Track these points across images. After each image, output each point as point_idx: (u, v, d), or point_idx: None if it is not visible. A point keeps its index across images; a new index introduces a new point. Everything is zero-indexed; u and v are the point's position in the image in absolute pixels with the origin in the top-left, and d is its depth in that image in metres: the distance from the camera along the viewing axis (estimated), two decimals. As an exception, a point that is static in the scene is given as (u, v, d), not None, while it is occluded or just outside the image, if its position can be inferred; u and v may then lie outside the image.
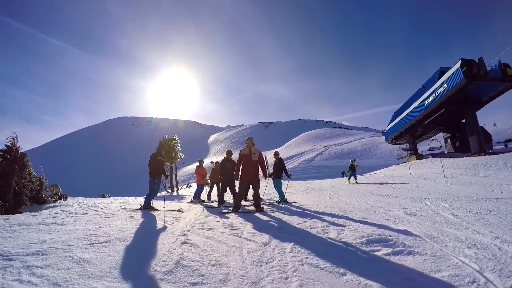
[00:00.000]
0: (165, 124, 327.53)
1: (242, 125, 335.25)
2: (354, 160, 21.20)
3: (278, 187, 11.53)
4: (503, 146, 36.38)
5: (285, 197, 11.38)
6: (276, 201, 11.10)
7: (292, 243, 4.72)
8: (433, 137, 39.30)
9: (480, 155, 23.79)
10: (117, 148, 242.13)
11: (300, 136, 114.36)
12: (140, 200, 11.57)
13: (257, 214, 7.94)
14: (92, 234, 4.98)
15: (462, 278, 3.18)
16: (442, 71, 28.03)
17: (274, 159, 12.40)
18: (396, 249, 4.29)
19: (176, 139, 34.70)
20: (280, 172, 11.94)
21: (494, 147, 30.61)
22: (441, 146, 37.36)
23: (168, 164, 32.42)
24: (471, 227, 5.53)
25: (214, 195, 14.27)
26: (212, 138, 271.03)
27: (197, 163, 14.90)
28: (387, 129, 42.40)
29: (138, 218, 7.08)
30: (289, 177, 11.84)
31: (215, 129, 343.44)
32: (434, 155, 32.61)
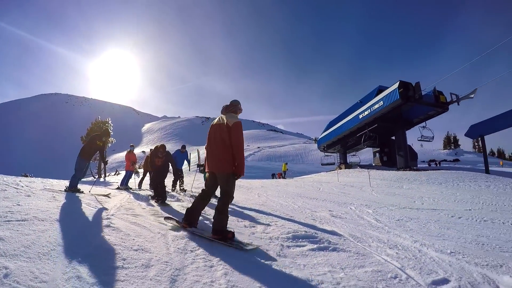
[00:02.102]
0: (100, 106, 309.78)
1: (179, 117, 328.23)
2: (286, 163, 21.64)
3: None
4: (427, 165, 39.26)
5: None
6: None
7: None
8: (354, 153, 42.29)
9: (405, 170, 25.49)
10: (46, 127, 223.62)
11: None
12: (65, 183, 10.82)
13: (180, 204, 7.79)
14: (9, 211, 4.53)
15: (385, 273, 3.32)
16: (380, 89, 29.70)
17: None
18: (322, 245, 4.39)
19: (110, 122, 33.11)
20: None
21: (418, 165, 32.90)
22: (359, 162, 39.98)
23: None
24: (392, 231, 5.88)
25: (146, 185, 13.75)
26: (146, 126, 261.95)
27: (128, 149, 14.30)
28: (320, 137, 43.93)
29: (61, 199, 6.58)
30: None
31: (150, 118, 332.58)
32: (362, 166, 34.39)
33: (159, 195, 8.32)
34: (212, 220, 4.41)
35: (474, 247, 4.89)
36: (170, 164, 9.98)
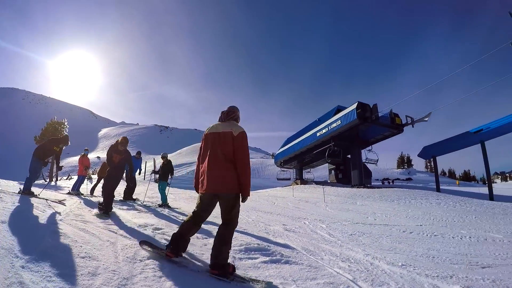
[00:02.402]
0: (57, 106, 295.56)
1: (137, 124, 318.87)
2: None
3: (162, 189, 10.97)
4: (381, 183, 40.52)
5: (167, 202, 10.84)
6: (158, 204, 10.53)
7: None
8: (309, 170, 43.23)
9: (359, 188, 26.08)
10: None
11: (193, 146, 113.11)
12: (14, 184, 10.14)
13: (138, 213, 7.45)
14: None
15: (337, 285, 3.30)
16: (339, 109, 30.63)
17: (163, 161, 11.76)
18: (274, 257, 4.35)
19: (66, 124, 31.61)
20: (166, 174, 11.50)
21: (372, 183, 33.79)
22: (314, 178, 40.81)
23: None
24: (345, 245, 5.91)
25: (99, 191, 13.14)
26: (103, 131, 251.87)
27: (82, 153, 13.49)
28: (277, 152, 44.43)
29: (8, 201, 6.18)
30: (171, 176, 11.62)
31: (108, 123, 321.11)
32: (317, 182, 34.95)
33: (105, 204, 7.09)
34: (211, 250, 3.63)
35: (425, 260, 4.99)
36: (127, 166, 8.75)
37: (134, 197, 11.60)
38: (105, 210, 6.91)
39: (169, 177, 11.60)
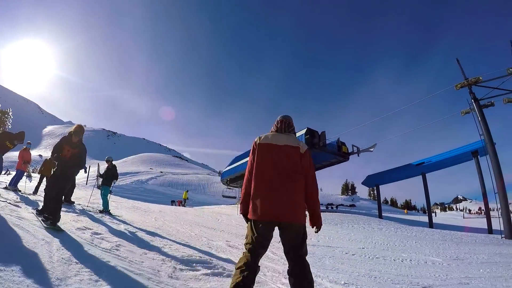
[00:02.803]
0: (2, 93, 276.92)
1: (85, 125, 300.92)
2: (187, 191, 21.23)
3: (104, 195, 10.56)
4: (325, 207, 41.52)
5: (109, 209, 10.40)
6: (99, 210, 10.07)
7: (110, 249, 4.54)
8: None
9: (305, 211, 26.52)
10: None
11: (139, 155, 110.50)
12: None
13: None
14: None
15: (279, 300, 3.21)
16: (288, 133, 31.20)
17: (107, 165, 11.33)
18: (216, 271, 4.32)
19: (10, 114, 29.58)
20: (110, 179, 11.04)
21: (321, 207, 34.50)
22: None
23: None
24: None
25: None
26: (48, 129, 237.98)
27: (24, 146, 12.29)
28: (224, 170, 44.42)
29: None
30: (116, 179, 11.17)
31: (54, 120, 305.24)
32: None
33: (50, 212, 5.38)
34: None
35: (367, 280, 5.08)
36: (78, 165, 6.32)
37: (72, 199, 10.78)
38: (52, 220, 5.24)
39: (113, 182, 11.17)
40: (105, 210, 10.07)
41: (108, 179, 11.01)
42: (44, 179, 12.49)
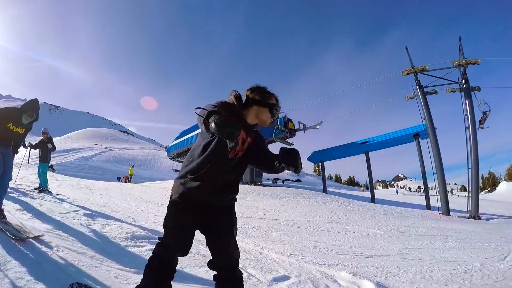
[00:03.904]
0: None
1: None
2: (133, 166, 20.76)
3: (43, 173, 9.80)
4: (271, 182, 42.25)
5: (48, 186, 9.74)
6: (35, 188, 9.40)
7: (52, 229, 4.39)
8: None
9: (250, 185, 26.72)
10: None
11: (83, 131, 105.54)
12: None
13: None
14: None
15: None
16: (242, 106, 31.05)
17: (41, 138, 10.33)
18: None
19: None
20: (46, 155, 10.23)
21: (263, 182, 34.93)
22: None
23: None
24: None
25: None
26: None
27: None
28: (170, 145, 43.56)
29: None
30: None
31: None
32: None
33: None
34: None
35: (312, 251, 5.26)
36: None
37: (14, 180, 9.55)
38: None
39: (50, 156, 10.43)
40: (44, 188, 9.44)
41: (45, 155, 10.22)
42: None
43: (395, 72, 20.69)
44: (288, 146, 2.56)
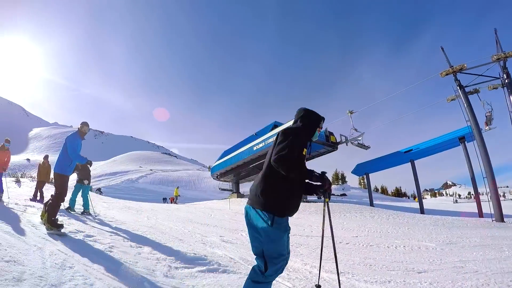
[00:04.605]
0: None
1: (71, 126, 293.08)
2: (178, 187, 21.13)
3: (86, 195, 9.66)
4: (316, 198, 41.76)
5: (89, 209, 9.55)
6: (82, 213, 9.31)
7: (103, 251, 4.50)
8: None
9: (296, 202, 26.61)
10: None
11: (128, 154, 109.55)
12: None
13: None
14: None
15: (277, 293, 3.22)
16: (276, 125, 31.02)
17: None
18: (211, 267, 4.32)
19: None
20: (89, 175, 10.04)
21: (308, 198, 34.59)
22: None
23: None
24: (284, 255, 5.88)
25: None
26: (35, 131, 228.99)
27: (1, 143, 10.36)
28: (214, 165, 44.16)
29: None
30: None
31: (40, 122, 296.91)
32: (253, 196, 35.19)
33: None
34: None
35: (362, 268, 5.12)
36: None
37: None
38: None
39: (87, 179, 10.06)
40: (88, 211, 9.43)
41: (85, 174, 9.97)
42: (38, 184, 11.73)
43: (433, 75, 20.05)
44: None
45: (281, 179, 2.61)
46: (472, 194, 48.66)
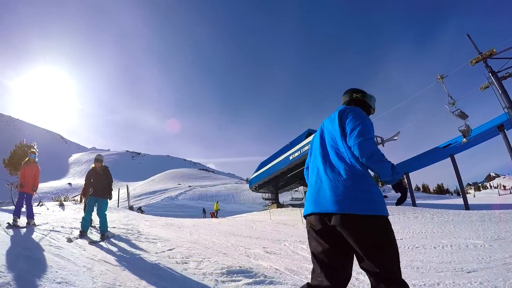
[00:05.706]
0: (25, 128, 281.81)
1: (108, 150, 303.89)
2: (218, 202, 21.32)
3: (104, 212, 7.73)
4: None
5: (107, 230, 7.81)
6: (100, 239, 7.14)
7: (151, 269, 4.61)
8: (297, 189, 42.78)
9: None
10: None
11: (165, 173, 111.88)
12: None
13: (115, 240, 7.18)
14: None
15: (324, 301, 3.22)
16: (310, 133, 30.72)
17: (94, 165, 8.11)
18: (258, 279, 4.32)
19: (35, 148, 30.62)
20: (105, 187, 7.90)
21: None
22: (302, 198, 40.51)
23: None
24: (328, 263, 5.84)
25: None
26: (74, 157, 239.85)
27: (26, 158, 8.73)
28: (251, 177, 44.16)
29: None
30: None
31: (78, 148, 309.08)
32: (294, 205, 34.90)
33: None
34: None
35: (410, 271, 5.01)
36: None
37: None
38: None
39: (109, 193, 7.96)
40: (106, 234, 7.52)
41: (101, 188, 7.83)
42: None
43: (463, 65, 19.43)
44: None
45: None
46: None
